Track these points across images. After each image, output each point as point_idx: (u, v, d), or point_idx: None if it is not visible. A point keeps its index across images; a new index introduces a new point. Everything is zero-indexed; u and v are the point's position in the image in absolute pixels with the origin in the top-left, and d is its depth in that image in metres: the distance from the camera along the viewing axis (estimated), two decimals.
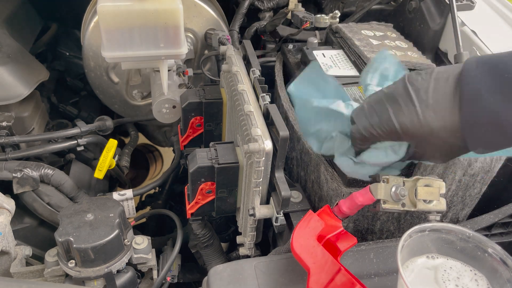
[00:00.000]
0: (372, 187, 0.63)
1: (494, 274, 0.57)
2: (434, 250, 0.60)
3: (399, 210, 0.63)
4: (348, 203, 0.64)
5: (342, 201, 0.65)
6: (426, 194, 0.63)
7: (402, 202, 0.63)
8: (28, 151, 1.08)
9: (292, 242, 0.62)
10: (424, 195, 0.63)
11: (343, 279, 0.55)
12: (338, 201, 0.66)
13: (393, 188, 0.62)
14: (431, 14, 1.11)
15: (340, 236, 0.64)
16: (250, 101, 0.80)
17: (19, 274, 0.89)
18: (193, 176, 0.80)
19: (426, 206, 0.63)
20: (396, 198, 0.62)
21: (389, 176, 0.63)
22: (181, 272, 1.07)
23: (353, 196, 0.63)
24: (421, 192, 0.63)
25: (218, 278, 0.64)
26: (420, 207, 0.63)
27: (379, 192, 0.62)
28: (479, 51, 1.00)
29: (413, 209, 0.63)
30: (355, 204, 0.63)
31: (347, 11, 1.34)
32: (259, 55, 1.23)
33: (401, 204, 0.63)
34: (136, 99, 1.33)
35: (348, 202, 0.64)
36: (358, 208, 0.64)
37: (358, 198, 0.63)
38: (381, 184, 0.62)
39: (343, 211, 0.64)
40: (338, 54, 1.02)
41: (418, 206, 0.63)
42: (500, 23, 1.11)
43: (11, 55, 1.16)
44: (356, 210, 0.64)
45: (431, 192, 0.63)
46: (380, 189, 0.62)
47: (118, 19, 0.88)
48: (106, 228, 0.83)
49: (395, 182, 0.63)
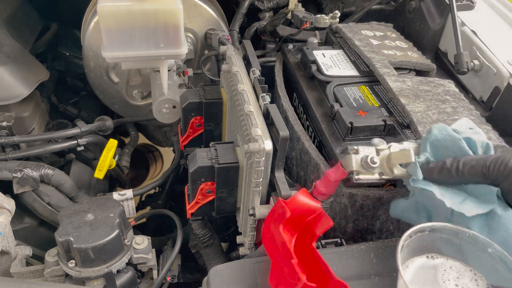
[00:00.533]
0: (343, 160, 0.60)
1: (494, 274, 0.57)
2: (434, 250, 0.60)
3: (376, 179, 0.60)
4: (324, 182, 0.62)
5: (318, 182, 0.63)
6: (400, 158, 0.59)
7: (378, 172, 0.60)
8: (28, 151, 1.08)
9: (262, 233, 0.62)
10: (398, 158, 0.59)
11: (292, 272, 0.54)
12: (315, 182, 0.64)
13: (363, 157, 0.59)
14: (431, 14, 1.11)
15: (318, 218, 0.63)
16: (250, 101, 0.80)
17: (19, 274, 0.89)
18: (193, 176, 0.80)
19: (404, 171, 0.60)
20: (367, 167, 0.59)
21: (358, 146, 0.60)
22: (181, 272, 1.07)
23: (327, 174, 0.62)
24: (395, 156, 0.59)
25: (218, 278, 0.64)
26: (398, 172, 0.59)
27: (350, 164, 0.59)
28: (479, 51, 1.00)
29: (390, 176, 0.60)
30: (329, 181, 0.61)
31: (347, 11, 1.34)
32: (259, 55, 1.23)
33: (377, 174, 0.60)
34: (136, 99, 1.33)
35: (323, 181, 0.62)
36: (334, 186, 0.62)
37: (331, 175, 0.61)
38: (350, 156, 0.59)
39: (320, 191, 0.63)
40: (338, 54, 1.02)
41: (395, 172, 0.59)
42: (500, 23, 1.11)
43: (11, 55, 1.16)
44: (333, 187, 0.62)
45: (404, 154, 0.59)
46: (350, 161, 0.59)
47: (118, 19, 0.89)
48: (106, 228, 0.83)
49: (365, 151, 0.60)
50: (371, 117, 0.81)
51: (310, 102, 0.90)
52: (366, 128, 0.79)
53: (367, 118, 0.81)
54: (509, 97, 0.91)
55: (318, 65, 0.96)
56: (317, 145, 0.85)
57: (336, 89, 0.89)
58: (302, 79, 0.98)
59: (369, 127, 0.79)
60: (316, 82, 0.96)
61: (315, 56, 0.98)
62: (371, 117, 0.81)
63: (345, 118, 0.78)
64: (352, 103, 0.85)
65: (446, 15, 1.08)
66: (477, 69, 0.98)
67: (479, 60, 0.99)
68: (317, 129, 0.86)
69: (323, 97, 0.91)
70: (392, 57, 0.96)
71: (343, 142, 0.79)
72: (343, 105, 0.84)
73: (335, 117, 0.82)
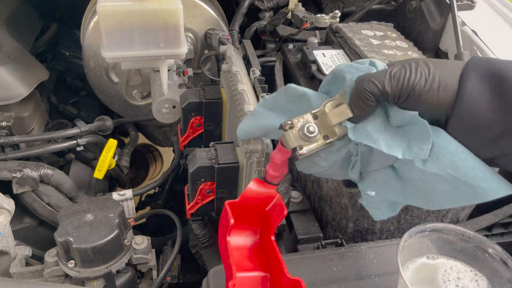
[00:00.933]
0: (282, 138, 0.56)
1: (494, 275, 0.57)
2: (435, 250, 0.60)
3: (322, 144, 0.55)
4: (272, 165, 0.60)
5: (267, 166, 0.61)
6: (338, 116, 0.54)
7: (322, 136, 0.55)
8: (28, 151, 1.08)
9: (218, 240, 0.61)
10: (336, 118, 0.54)
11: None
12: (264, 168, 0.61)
13: (300, 129, 0.54)
14: (431, 14, 1.11)
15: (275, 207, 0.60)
16: (250, 101, 0.80)
17: (18, 274, 0.88)
18: (193, 176, 0.80)
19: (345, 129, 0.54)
20: (306, 138, 0.54)
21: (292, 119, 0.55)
22: (181, 272, 1.07)
23: (271, 157, 0.59)
24: (332, 116, 0.54)
25: (218, 278, 0.64)
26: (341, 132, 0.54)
27: (289, 141, 0.55)
28: (480, 51, 1.00)
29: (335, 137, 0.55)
30: (276, 164, 0.59)
31: (347, 11, 1.34)
32: (259, 55, 1.23)
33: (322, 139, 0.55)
34: (136, 99, 1.33)
35: (271, 165, 0.60)
36: (284, 165, 0.60)
37: (275, 158, 0.58)
38: (288, 132, 0.55)
39: (272, 175, 0.61)
40: (338, 54, 1.02)
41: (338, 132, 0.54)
42: (500, 23, 1.11)
43: (11, 55, 1.16)
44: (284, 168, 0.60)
45: (341, 111, 0.53)
46: (289, 138, 0.55)
47: (118, 19, 0.88)
48: (106, 228, 0.83)
49: (300, 122, 0.55)
50: None
51: None
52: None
53: None
54: None
55: (318, 65, 0.96)
56: None
57: None
58: (302, 79, 0.98)
59: None
60: (316, 82, 0.96)
61: (315, 56, 0.98)
62: None
63: None
64: None
65: (446, 15, 1.08)
66: None
67: None
68: None
69: None
70: (393, 57, 0.96)
71: None
72: None
73: None
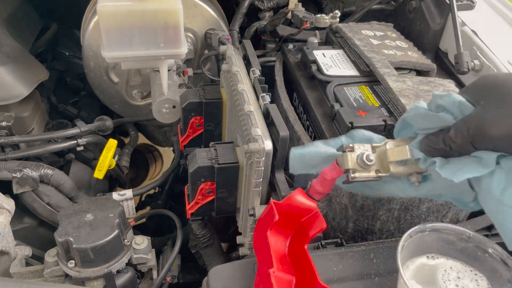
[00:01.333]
0: (339, 158, 0.60)
1: (494, 275, 0.57)
2: (434, 250, 0.60)
3: (373, 177, 0.59)
4: (320, 181, 0.61)
5: (314, 180, 0.62)
6: (396, 154, 0.58)
7: (374, 169, 0.59)
8: (28, 151, 1.08)
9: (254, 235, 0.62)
10: (395, 155, 0.58)
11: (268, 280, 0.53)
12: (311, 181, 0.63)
13: (359, 155, 0.58)
14: (431, 14, 1.11)
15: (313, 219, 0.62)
16: (250, 101, 0.80)
17: (18, 274, 0.88)
18: (193, 176, 0.80)
19: (400, 168, 0.59)
20: (363, 165, 0.58)
21: (354, 144, 0.59)
22: (181, 272, 1.07)
23: (323, 173, 0.61)
24: (391, 153, 0.58)
25: (218, 278, 0.64)
26: (394, 170, 0.58)
27: (346, 162, 0.58)
28: (480, 51, 1.00)
29: (387, 173, 0.59)
30: (325, 180, 0.60)
31: (347, 11, 1.34)
32: (259, 55, 1.23)
33: (373, 171, 0.59)
34: (136, 99, 1.33)
35: (319, 180, 0.62)
36: (330, 184, 0.61)
37: (327, 174, 0.60)
38: (346, 154, 0.59)
39: (317, 190, 0.62)
40: (338, 54, 1.02)
41: (392, 170, 0.58)
42: (500, 23, 1.11)
43: (11, 55, 1.16)
44: (330, 186, 0.62)
45: (401, 151, 0.58)
46: (346, 159, 0.59)
47: (118, 19, 0.88)
48: (106, 228, 0.83)
49: (361, 149, 0.59)
50: (371, 117, 0.81)
51: (310, 102, 0.90)
52: (366, 128, 0.78)
53: (367, 118, 0.81)
54: None
55: (318, 65, 0.96)
56: None
57: (336, 89, 0.89)
58: (302, 79, 0.98)
59: (369, 127, 0.78)
60: (316, 82, 0.96)
61: (315, 56, 0.98)
62: (371, 117, 0.81)
63: (345, 118, 0.78)
64: (352, 103, 0.85)
65: (446, 15, 1.08)
66: (477, 69, 0.98)
67: (480, 60, 0.99)
68: (317, 129, 0.86)
69: (323, 97, 0.91)
70: (392, 57, 0.96)
71: None
72: (343, 105, 0.84)
73: (335, 117, 0.82)
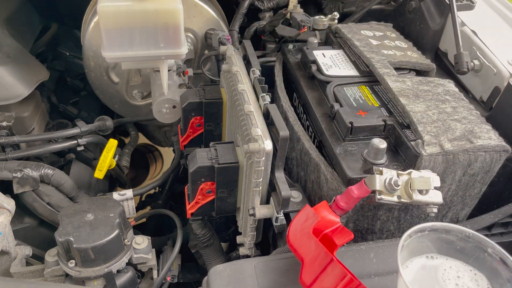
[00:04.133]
0: (367, 179, 0.64)
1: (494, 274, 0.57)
2: (434, 250, 0.60)
3: (395, 202, 0.63)
4: (345, 198, 0.64)
5: (339, 197, 0.65)
6: (420, 184, 0.63)
7: (397, 195, 0.63)
8: (28, 151, 1.08)
9: (288, 234, 0.63)
10: (418, 185, 0.63)
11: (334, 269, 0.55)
12: (335, 197, 0.66)
13: (387, 179, 0.63)
14: (431, 14, 1.11)
15: (337, 231, 0.65)
16: (250, 101, 0.80)
17: (19, 274, 0.89)
18: (193, 176, 0.80)
19: (422, 198, 0.64)
20: (390, 189, 0.63)
21: (382, 168, 0.64)
22: (181, 272, 1.07)
23: (349, 190, 0.64)
24: (415, 182, 0.63)
25: (218, 278, 0.64)
26: (416, 198, 0.63)
27: (374, 184, 0.63)
28: (479, 51, 1.00)
29: (408, 200, 0.63)
30: (351, 198, 0.64)
31: (347, 11, 1.34)
32: (259, 55, 1.23)
33: (396, 196, 0.63)
34: (136, 99, 1.33)
35: (344, 197, 0.64)
36: (355, 202, 0.64)
37: (354, 192, 0.63)
38: (375, 176, 0.63)
39: (340, 206, 0.65)
40: (338, 54, 1.02)
41: (413, 198, 0.63)
42: (500, 23, 1.11)
43: (11, 55, 1.16)
44: (353, 204, 0.65)
45: (425, 182, 0.63)
46: (374, 181, 0.63)
47: (118, 19, 0.88)
48: (106, 228, 0.83)
49: (389, 174, 0.64)
50: (371, 117, 0.81)
51: (310, 102, 0.90)
52: (366, 128, 0.79)
53: (367, 118, 0.81)
54: (509, 97, 0.91)
55: (318, 65, 0.96)
56: (317, 145, 0.85)
57: (336, 89, 0.89)
58: (302, 79, 0.98)
59: (369, 127, 0.79)
60: (316, 82, 0.96)
61: (315, 56, 0.98)
62: (371, 117, 0.81)
63: (345, 118, 0.78)
64: (352, 103, 0.85)
65: (446, 15, 1.08)
66: (477, 69, 0.99)
67: (479, 60, 0.99)
68: (317, 129, 0.86)
69: (323, 97, 0.91)
70: (392, 57, 0.96)
71: (343, 142, 0.79)
72: (343, 105, 0.84)
73: (335, 117, 0.82)
